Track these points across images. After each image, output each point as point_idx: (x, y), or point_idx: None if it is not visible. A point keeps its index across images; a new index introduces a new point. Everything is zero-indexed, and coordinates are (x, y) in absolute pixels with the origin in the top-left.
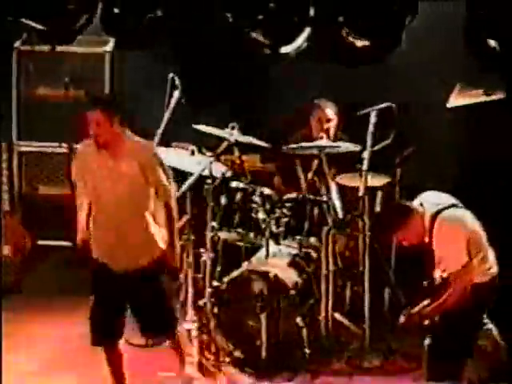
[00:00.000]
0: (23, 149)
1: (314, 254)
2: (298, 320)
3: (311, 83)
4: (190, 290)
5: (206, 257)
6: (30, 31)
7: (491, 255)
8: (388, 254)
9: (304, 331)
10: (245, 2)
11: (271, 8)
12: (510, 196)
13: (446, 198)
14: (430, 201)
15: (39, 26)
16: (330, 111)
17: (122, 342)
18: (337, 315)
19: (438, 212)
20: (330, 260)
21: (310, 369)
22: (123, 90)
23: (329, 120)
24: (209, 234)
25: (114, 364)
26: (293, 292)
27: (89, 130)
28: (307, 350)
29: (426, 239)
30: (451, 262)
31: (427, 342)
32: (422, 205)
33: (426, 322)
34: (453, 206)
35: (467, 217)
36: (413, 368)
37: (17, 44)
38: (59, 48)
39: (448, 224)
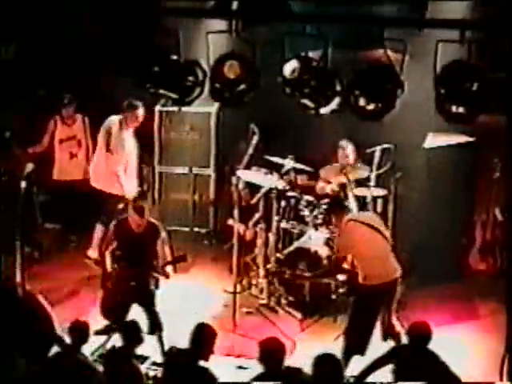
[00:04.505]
0: (160, 170)
1: None
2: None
3: (338, 131)
4: (261, 259)
5: (272, 238)
6: (166, 98)
7: (391, 266)
8: None
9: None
10: (297, 81)
11: (314, 84)
12: None
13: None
14: (354, 213)
15: (171, 95)
16: (348, 149)
17: None
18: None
19: (350, 219)
20: None
21: None
22: (223, 134)
23: (348, 154)
24: (274, 224)
25: None
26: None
27: None
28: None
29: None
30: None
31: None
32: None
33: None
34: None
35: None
36: None
37: (157, 107)
38: (183, 108)
39: (351, 226)
